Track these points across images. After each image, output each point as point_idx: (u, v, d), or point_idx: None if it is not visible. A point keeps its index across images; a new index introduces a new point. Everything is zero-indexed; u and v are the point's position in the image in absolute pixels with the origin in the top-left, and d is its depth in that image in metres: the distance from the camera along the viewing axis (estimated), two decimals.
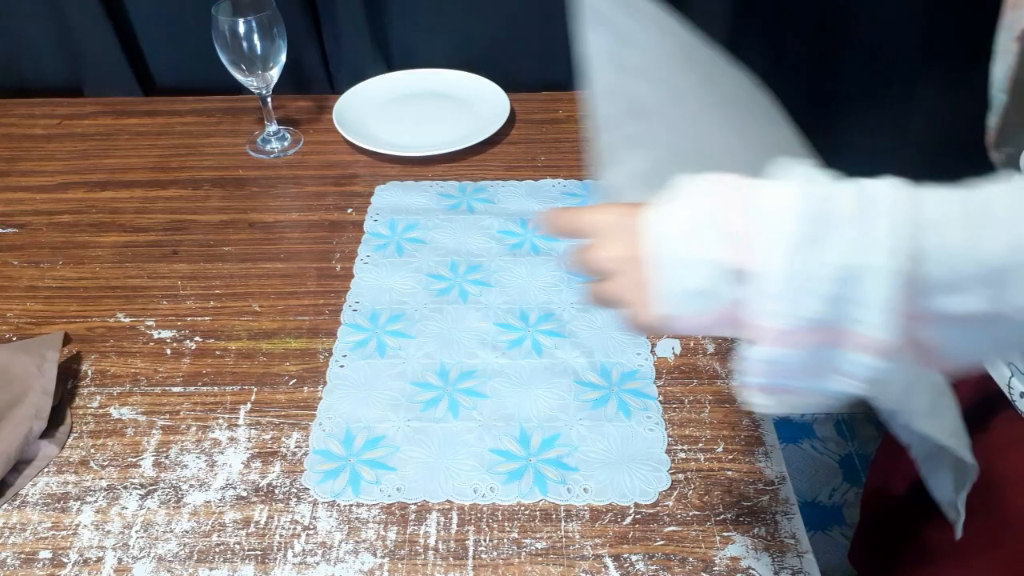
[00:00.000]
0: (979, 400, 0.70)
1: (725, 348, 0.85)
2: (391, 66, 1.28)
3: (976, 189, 0.40)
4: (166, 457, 0.77)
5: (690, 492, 0.73)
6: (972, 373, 0.62)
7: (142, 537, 0.70)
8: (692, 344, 0.86)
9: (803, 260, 0.39)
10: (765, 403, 0.44)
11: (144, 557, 0.69)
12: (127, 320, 0.91)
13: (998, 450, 0.68)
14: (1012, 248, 0.37)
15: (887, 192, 0.39)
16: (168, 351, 0.87)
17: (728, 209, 0.41)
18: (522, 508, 0.72)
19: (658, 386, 0.82)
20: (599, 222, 0.48)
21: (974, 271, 0.38)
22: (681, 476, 0.74)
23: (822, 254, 0.38)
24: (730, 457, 0.76)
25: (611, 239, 0.47)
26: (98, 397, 0.82)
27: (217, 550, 0.69)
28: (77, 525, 0.71)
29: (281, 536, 0.70)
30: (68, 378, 0.84)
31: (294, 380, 0.83)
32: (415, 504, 0.72)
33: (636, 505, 0.72)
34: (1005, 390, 0.68)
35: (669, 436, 0.77)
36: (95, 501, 0.73)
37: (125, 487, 0.74)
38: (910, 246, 0.38)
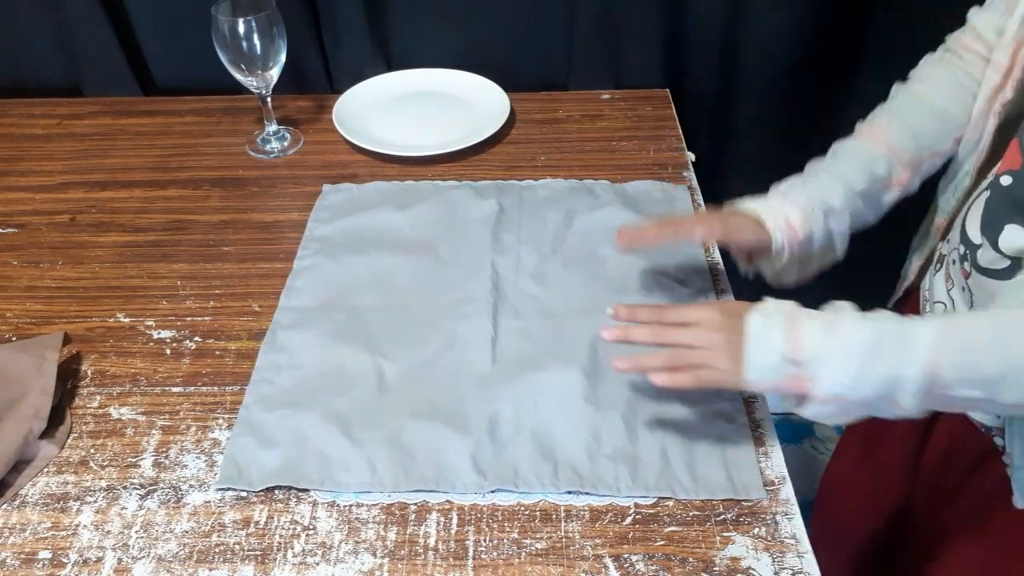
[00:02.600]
0: None
1: None
2: (391, 66, 1.28)
3: (967, 317, 0.62)
4: (166, 457, 0.77)
5: None
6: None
7: (142, 537, 0.70)
8: None
9: (863, 367, 0.61)
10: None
11: (144, 557, 0.69)
12: (127, 320, 0.91)
13: None
14: (998, 370, 0.59)
15: (922, 329, 0.61)
16: (168, 351, 0.87)
17: (795, 332, 0.64)
18: (522, 508, 0.72)
19: None
20: (705, 315, 0.68)
21: (974, 381, 0.60)
22: None
23: (876, 365, 0.61)
24: None
25: (714, 327, 0.67)
26: (98, 397, 0.82)
27: (217, 550, 0.69)
28: (77, 525, 0.71)
29: (281, 536, 0.70)
30: (68, 378, 0.84)
31: None
32: (415, 504, 0.72)
33: (636, 505, 0.72)
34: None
35: None
36: (95, 501, 0.73)
37: (125, 487, 0.74)
38: (934, 366, 0.59)
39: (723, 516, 0.71)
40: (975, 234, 0.75)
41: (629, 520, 0.70)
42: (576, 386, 0.80)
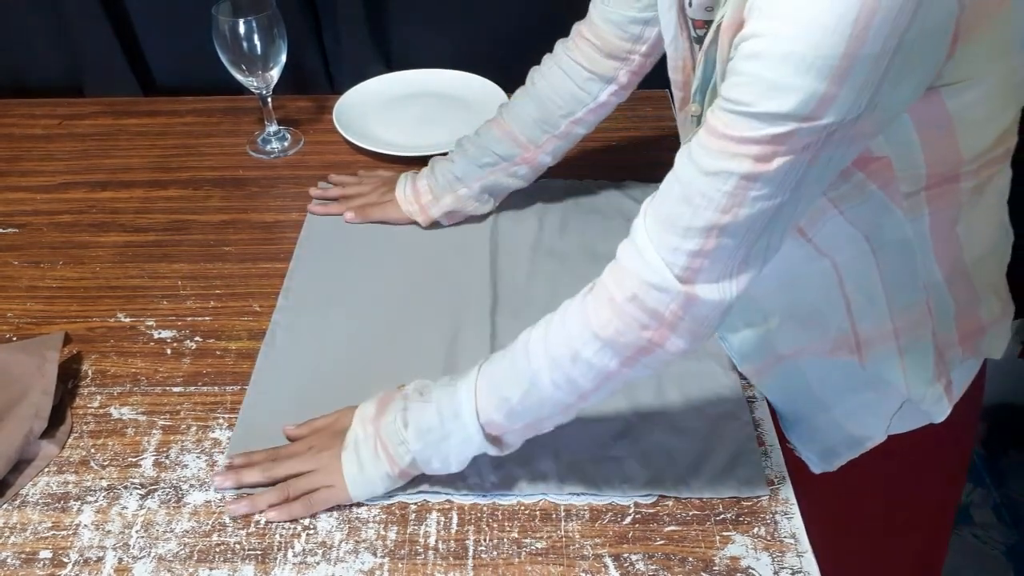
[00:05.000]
0: None
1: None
2: (391, 66, 1.28)
3: (496, 356, 0.68)
4: (166, 457, 0.77)
5: None
6: None
7: (142, 537, 0.70)
8: None
9: (447, 452, 0.69)
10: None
11: (144, 557, 0.69)
12: (127, 320, 0.91)
13: None
14: (522, 391, 0.65)
15: (462, 384, 0.68)
16: (168, 351, 0.87)
17: (380, 443, 0.70)
18: (522, 508, 0.72)
19: None
20: (310, 441, 0.74)
21: (517, 412, 0.66)
22: None
23: (451, 444, 0.68)
24: None
25: (320, 447, 0.73)
26: (98, 397, 0.82)
27: (217, 550, 0.69)
28: (77, 525, 0.71)
29: (281, 536, 0.70)
30: (68, 378, 0.84)
31: None
32: (415, 504, 0.72)
33: (636, 505, 0.72)
34: None
35: None
36: (95, 501, 0.73)
37: (125, 487, 0.74)
38: (482, 416, 0.67)
39: (723, 516, 0.71)
40: None
41: (629, 520, 0.71)
42: None
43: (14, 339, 0.88)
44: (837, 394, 0.76)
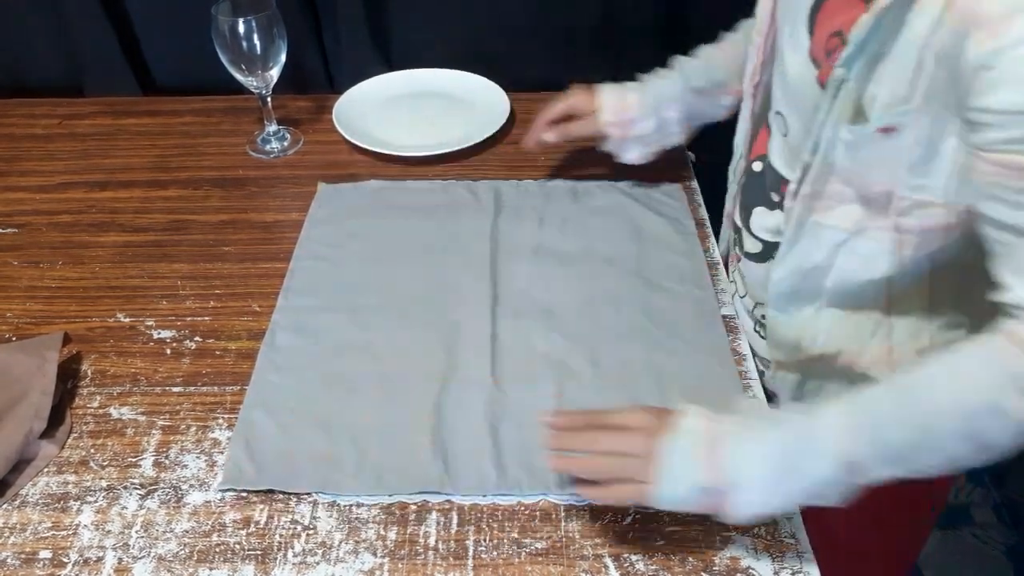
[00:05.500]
0: None
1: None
2: (391, 66, 1.28)
3: (868, 392, 0.61)
4: (166, 457, 0.77)
5: None
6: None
7: (142, 537, 0.70)
8: None
9: (778, 487, 0.60)
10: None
11: (144, 557, 0.69)
12: (127, 320, 0.91)
13: None
14: (910, 439, 0.59)
15: (827, 419, 0.61)
16: (168, 351, 0.87)
17: (712, 459, 0.61)
18: (522, 508, 0.72)
19: None
20: (637, 418, 0.65)
21: (891, 457, 0.59)
22: None
23: (790, 481, 0.60)
24: None
25: (649, 430, 0.64)
26: (98, 397, 0.82)
27: (217, 550, 0.69)
28: (77, 525, 0.71)
29: (281, 536, 0.70)
30: (68, 378, 0.84)
31: None
32: (415, 504, 0.72)
33: (636, 505, 0.71)
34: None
35: None
36: (95, 501, 0.73)
37: (125, 487, 0.74)
38: (847, 456, 0.59)
39: None
40: (738, 219, 0.84)
41: (629, 520, 0.70)
42: (578, 386, 0.81)
43: (14, 339, 0.88)
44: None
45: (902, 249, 0.69)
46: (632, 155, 0.98)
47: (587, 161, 1.12)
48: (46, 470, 0.76)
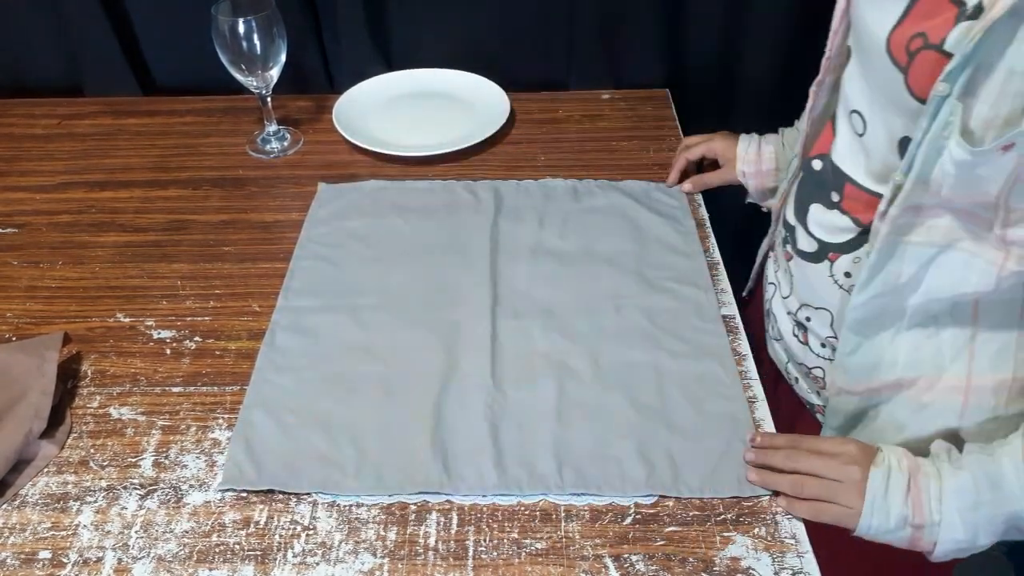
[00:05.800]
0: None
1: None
2: (391, 66, 1.28)
3: None
4: (166, 457, 0.77)
5: None
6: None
7: (142, 537, 0.70)
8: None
9: (976, 520, 0.65)
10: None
11: (144, 557, 0.69)
12: (127, 320, 0.91)
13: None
14: None
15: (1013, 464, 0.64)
16: (168, 351, 0.87)
17: (916, 496, 0.66)
18: (522, 508, 0.72)
19: None
20: (844, 448, 0.70)
21: None
22: None
23: (985, 511, 0.65)
24: None
25: (853, 459, 0.69)
26: (98, 397, 0.82)
27: (217, 550, 0.69)
28: (77, 525, 0.71)
29: (281, 536, 0.70)
30: (68, 378, 0.84)
31: None
32: (415, 504, 0.72)
33: (636, 505, 0.71)
34: (784, 374, 0.90)
35: None
36: (95, 501, 0.73)
37: (125, 487, 0.74)
38: None
39: (723, 516, 0.70)
40: (791, 216, 0.82)
41: (629, 520, 0.70)
42: (578, 386, 0.81)
43: (14, 339, 0.88)
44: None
45: (1006, 262, 0.66)
46: (772, 202, 0.95)
47: (587, 161, 1.12)
48: (46, 470, 0.76)
